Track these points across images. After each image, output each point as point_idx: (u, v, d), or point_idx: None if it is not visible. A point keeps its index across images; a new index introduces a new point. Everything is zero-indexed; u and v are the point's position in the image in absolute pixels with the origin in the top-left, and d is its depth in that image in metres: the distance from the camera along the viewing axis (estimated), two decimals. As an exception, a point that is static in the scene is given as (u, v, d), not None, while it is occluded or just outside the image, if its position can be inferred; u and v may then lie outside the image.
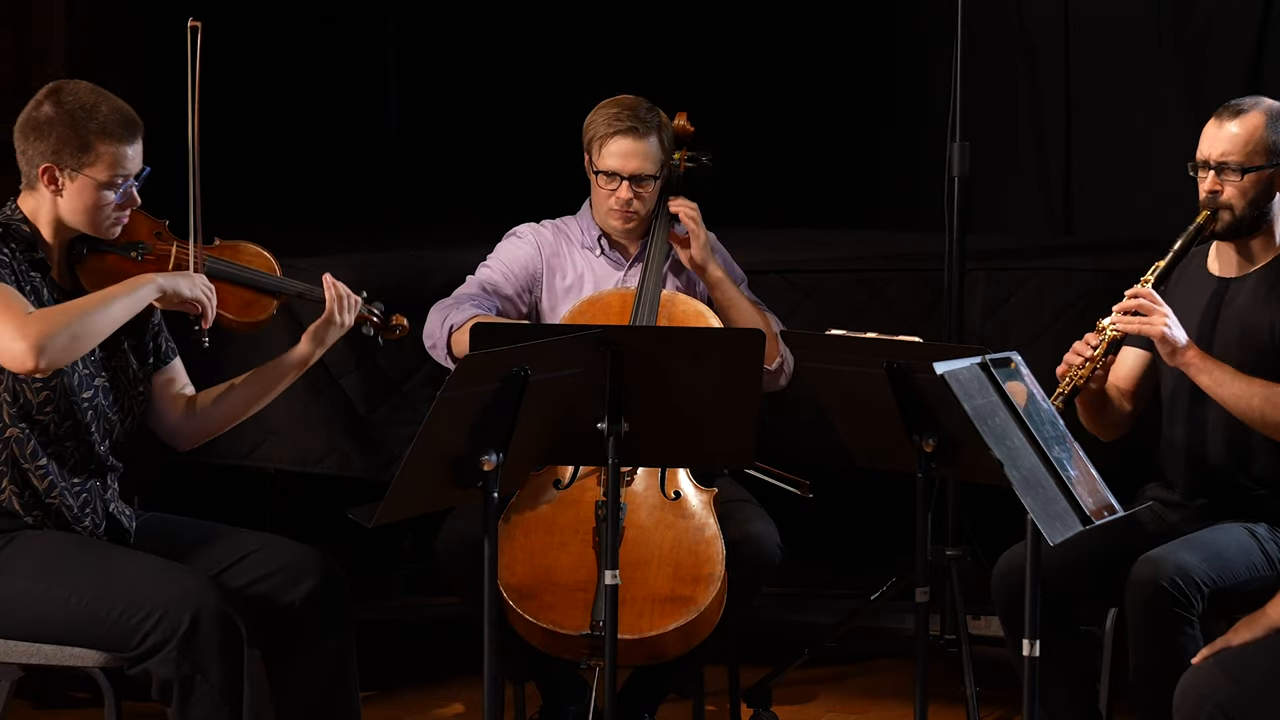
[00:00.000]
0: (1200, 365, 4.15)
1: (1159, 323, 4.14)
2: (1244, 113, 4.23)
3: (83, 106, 3.84)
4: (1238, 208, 4.23)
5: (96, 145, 3.83)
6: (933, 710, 4.02)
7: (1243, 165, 4.21)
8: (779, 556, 4.47)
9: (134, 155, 3.88)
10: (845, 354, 3.85)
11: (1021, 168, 7.12)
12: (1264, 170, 4.21)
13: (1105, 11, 6.96)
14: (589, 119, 4.70)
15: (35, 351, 3.66)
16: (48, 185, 3.86)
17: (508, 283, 4.70)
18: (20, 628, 3.83)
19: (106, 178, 3.85)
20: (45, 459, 3.88)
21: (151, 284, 3.86)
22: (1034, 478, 3.57)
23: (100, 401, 3.94)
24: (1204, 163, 4.25)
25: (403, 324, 4.26)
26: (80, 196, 3.86)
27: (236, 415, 4.15)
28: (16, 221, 3.89)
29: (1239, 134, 4.21)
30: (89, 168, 3.84)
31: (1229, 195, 4.22)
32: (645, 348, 3.91)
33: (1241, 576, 4.10)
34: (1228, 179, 4.22)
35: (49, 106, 3.85)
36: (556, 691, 4.59)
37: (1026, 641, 3.70)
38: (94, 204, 3.87)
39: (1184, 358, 4.15)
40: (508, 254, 4.75)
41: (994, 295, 5.45)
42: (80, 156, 3.83)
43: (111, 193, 3.87)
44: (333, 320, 4.13)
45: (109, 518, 3.98)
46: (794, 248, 6.04)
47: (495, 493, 3.63)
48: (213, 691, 3.73)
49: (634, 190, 4.65)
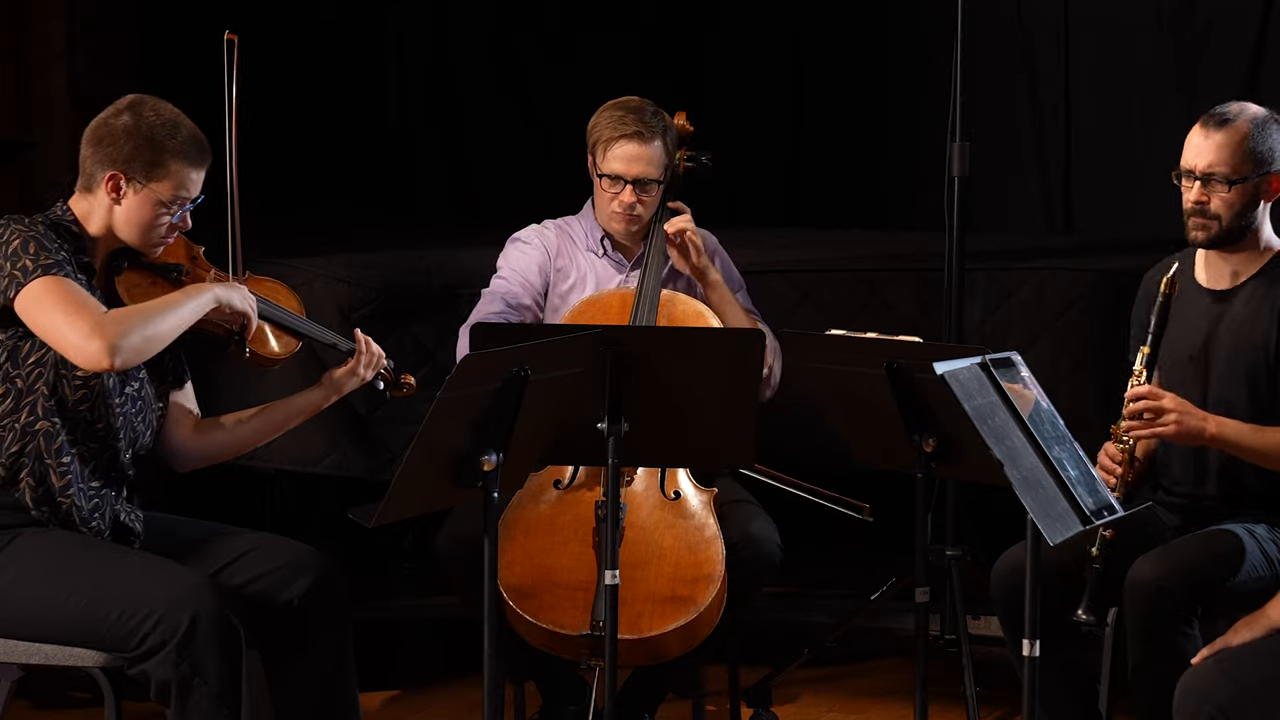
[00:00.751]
0: (1221, 436, 4.13)
1: (1171, 421, 4.11)
2: (1229, 122, 4.18)
3: (165, 123, 3.89)
4: (1225, 219, 4.20)
5: (170, 164, 3.88)
6: (933, 710, 4.02)
7: (1229, 177, 4.16)
8: (779, 556, 4.47)
9: (198, 181, 3.93)
10: (845, 354, 3.85)
11: (1021, 168, 7.12)
12: (1250, 180, 4.18)
13: (1105, 11, 6.96)
14: (593, 121, 4.69)
15: (110, 351, 3.69)
16: (109, 192, 3.88)
17: (526, 292, 4.69)
18: (20, 627, 3.83)
19: (170, 196, 3.89)
20: (70, 456, 3.89)
21: (210, 293, 3.89)
22: (1034, 478, 3.57)
23: (129, 410, 3.96)
24: (1189, 172, 4.21)
25: (410, 383, 4.29)
26: (139, 210, 3.89)
27: (243, 447, 4.19)
28: (67, 222, 3.91)
29: (1225, 144, 4.16)
30: (156, 183, 3.88)
31: (1216, 206, 4.19)
32: (645, 348, 3.91)
33: (1240, 576, 4.09)
34: (1214, 190, 4.18)
35: (129, 116, 3.89)
36: (556, 691, 4.59)
37: (1026, 641, 3.70)
38: (151, 220, 3.91)
39: (1205, 438, 4.13)
40: (519, 262, 4.74)
41: (994, 295, 5.44)
42: (151, 171, 3.87)
43: (169, 214, 3.91)
44: (356, 372, 4.17)
45: (116, 525, 3.98)
46: (794, 248, 6.04)
47: (495, 493, 3.63)
48: (211, 693, 3.72)
49: (638, 194, 4.64)
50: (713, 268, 4.67)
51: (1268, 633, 3.79)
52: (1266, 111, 4.22)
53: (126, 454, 3.98)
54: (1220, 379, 4.23)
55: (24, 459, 3.87)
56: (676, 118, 4.74)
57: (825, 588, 6.12)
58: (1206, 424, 4.12)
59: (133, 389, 3.97)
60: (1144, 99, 6.90)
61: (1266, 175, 4.20)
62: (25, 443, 3.87)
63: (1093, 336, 5.30)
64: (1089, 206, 7.06)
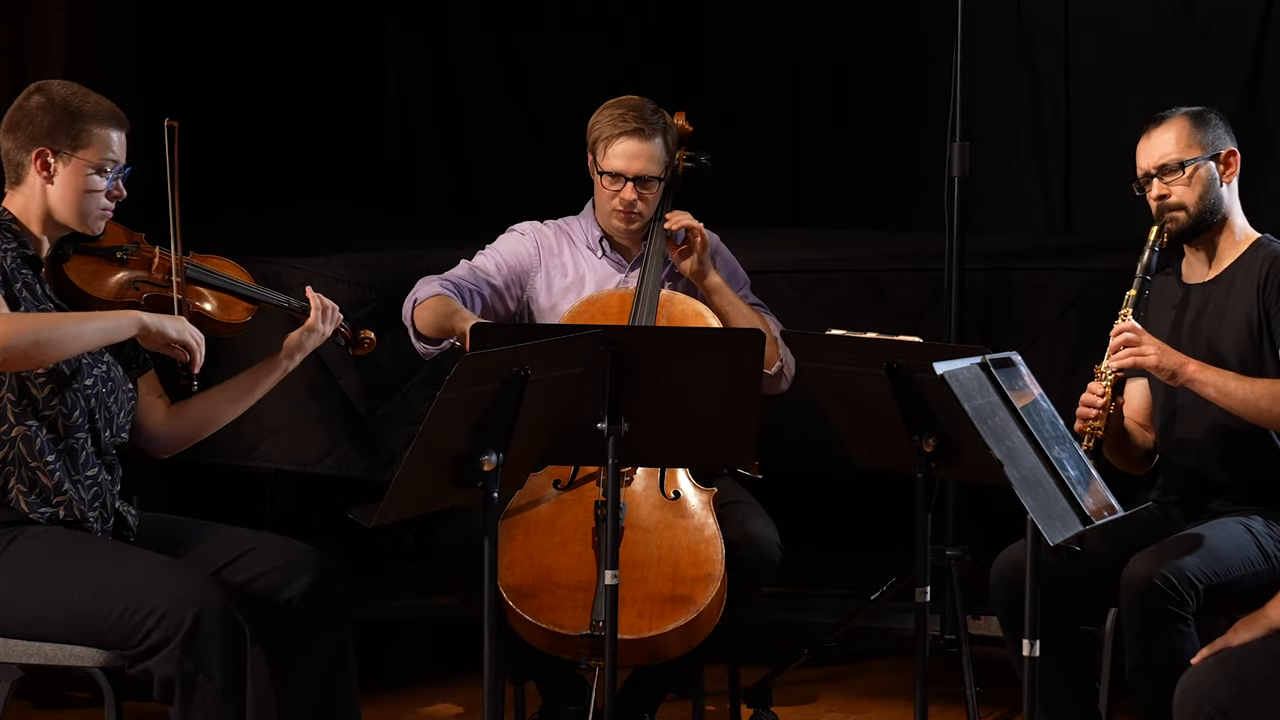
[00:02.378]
0: (1203, 378, 4.18)
1: (1150, 352, 4.19)
2: (1167, 119, 4.37)
3: (73, 94, 3.95)
4: (1190, 204, 4.32)
5: (91, 128, 3.93)
6: (933, 710, 4.02)
7: (1181, 159, 4.31)
8: (779, 556, 4.47)
9: (121, 143, 3.97)
10: (845, 354, 3.85)
11: (1021, 168, 7.12)
12: (1202, 161, 4.31)
13: (1105, 11, 6.96)
14: (594, 119, 4.70)
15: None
16: (40, 171, 3.92)
17: (498, 273, 4.71)
18: (22, 626, 3.83)
19: (98, 160, 3.93)
20: (54, 455, 3.89)
21: (134, 318, 3.90)
22: (1034, 478, 3.57)
23: (101, 390, 3.96)
24: (1145, 175, 4.37)
25: (370, 337, 4.35)
26: (72, 180, 3.93)
27: (218, 421, 4.20)
28: (6, 221, 3.94)
29: (1168, 135, 4.35)
30: (82, 150, 3.92)
31: (1178, 195, 4.33)
32: (645, 347, 3.92)
33: (1237, 572, 4.10)
34: (1171, 180, 4.33)
35: (39, 95, 3.95)
36: (556, 691, 4.59)
37: (1026, 641, 3.70)
38: (84, 189, 3.93)
39: (1185, 375, 4.19)
40: (505, 246, 4.77)
41: (994, 295, 5.44)
42: (76, 139, 3.92)
43: (101, 178, 3.94)
44: (315, 328, 4.21)
45: (116, 514, 3.98)
46: (794, 248, 6.04)
47: (495, 493, 3.64)
48: (215, 690, 3.73)
49: (638, 191, 4.65)
50: (714, 271, 4.66)
51: (1267, 633, 3.79)
52: (1202, 107, 4.40)
53: (106, 433, 3.98)
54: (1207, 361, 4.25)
55: (9, 467, 3.87)
56: (676, 118, 4.75)
57: (825, 588, 6.12)
58: (1188, 363, 4.19)
59: (100, 370, 3.97)
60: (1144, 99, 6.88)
61: (1218, 155, 4.33)
62: (6, 451, 3.87)
63: (1093, 336, 5.29)
64: (1089, 206, 7.05)
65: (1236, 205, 4.37)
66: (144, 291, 4.02)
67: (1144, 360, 4.20)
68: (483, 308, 4.65)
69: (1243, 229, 4.38)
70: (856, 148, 7.36)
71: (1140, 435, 4.44)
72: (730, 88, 7.44)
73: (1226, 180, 4.34)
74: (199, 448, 4.23)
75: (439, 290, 4.59)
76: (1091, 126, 7.01)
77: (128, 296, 4.01)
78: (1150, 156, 4.36)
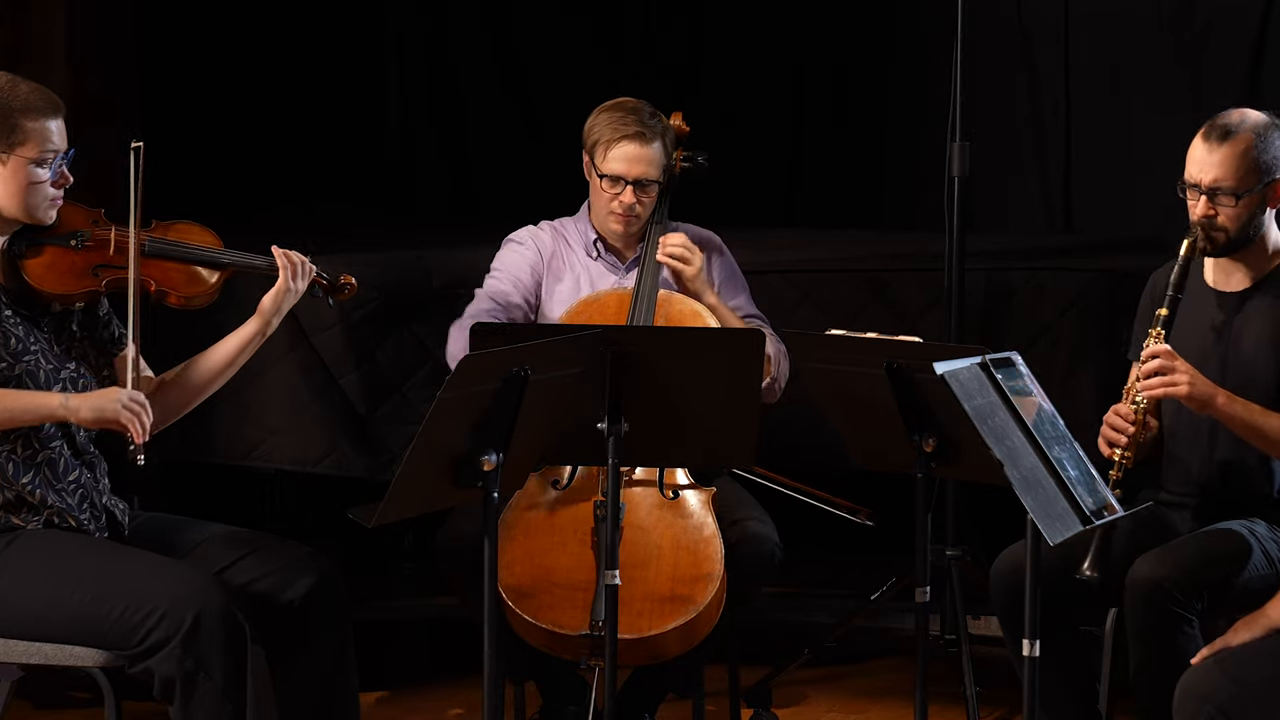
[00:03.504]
0: (1230, 412, 4.12)
1: (1183, 381, 4.09)
2: (1232, 134, 4.15)
3: (2, 88, 3.88)
4: (1233, 230, 4.19)
5: (24, 123, 3.86)
6: (933, 710, 4.02)
7: (1236, 190, 4.15)
8: (778, 556, 4.47)
9: (59, 131, 3.91)
10: (845, 354, 3.85)
11: (1021, 168, 7.11)
12: (1256, 191, 4.16)
13: (1105, 11, 6.96)
14: (591, 122, 4.69)
15: None
16: None
17: (516, 291, 4.70)
18: (22, 626, 3.83)
19: (38, 154, 3.87)
20: (30, 473, 3.87)
21: (48, 408, 3.82)
22: (1034, 478, 3.57)
23: (70, 391, 3.92)
24: (1195, 186, 4.19)
25: (351, 283, 4.24)
26: (14, 178, 3.88)
27: (202, 391, 4.12)
28: None
29: (1230, 158, 4.14)
30: (19, 147, 3.87)
31: (1224, 220, 4.17)
32: (645, 347, 3.92)
33: (1241, 576, 4.09)
34: (1221, 204, 4.16)
35: None
36: (556, 691, 4.59)
37: (1026, 641, 3.70)
38: (27, 182, 3.88)
39: (1214, 407, 4.12)
40: (512, 262, 4.75)
41: (994, 295, 5.44)
42: (9, 137, 3.86)
43: (43, 170, 3.89)
44: (288, 287, 4.11)
45: (106, 510, 3.98)
46: (794, 248, 6.03)
47: (495, 493, 3.63)
48: (215, 689, 3.73)
49: (637, 195, 4.64)
50: (709, 291, 4.64)
51: (1267, 632, 3.79)
52: (1267, 118, 4.20)
53: (81, 434, 3.96)
54: (1236, 382, 4.19)
55: None
56: (673, 118, 4.74)
57: (825, 588, 6.11)
58: (1218, 394, 4.10)
59: (69, 371, 3.94)
60: (1144, 99, 6.89)
61: (1272, 183, 4.18)
62: None
63: (1093, 336, 5.29)
64: (1089, 206, 7.05)
65: (1273, 222, 4.25)
66: (103, 278, 3.97)
67: (1176, 391, 4.09)
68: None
69: (1275, 243, 4.26)
70: (856, 148, 7.36)
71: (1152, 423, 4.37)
72: (730, 88, 7.44)
73: (1273, 205, 4.21)
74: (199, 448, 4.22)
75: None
76: (1091, 126, 7.01)
77: (88, 287, 3.96)
78: (1206, 173, 4.16)
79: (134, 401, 3.84)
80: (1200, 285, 4.34)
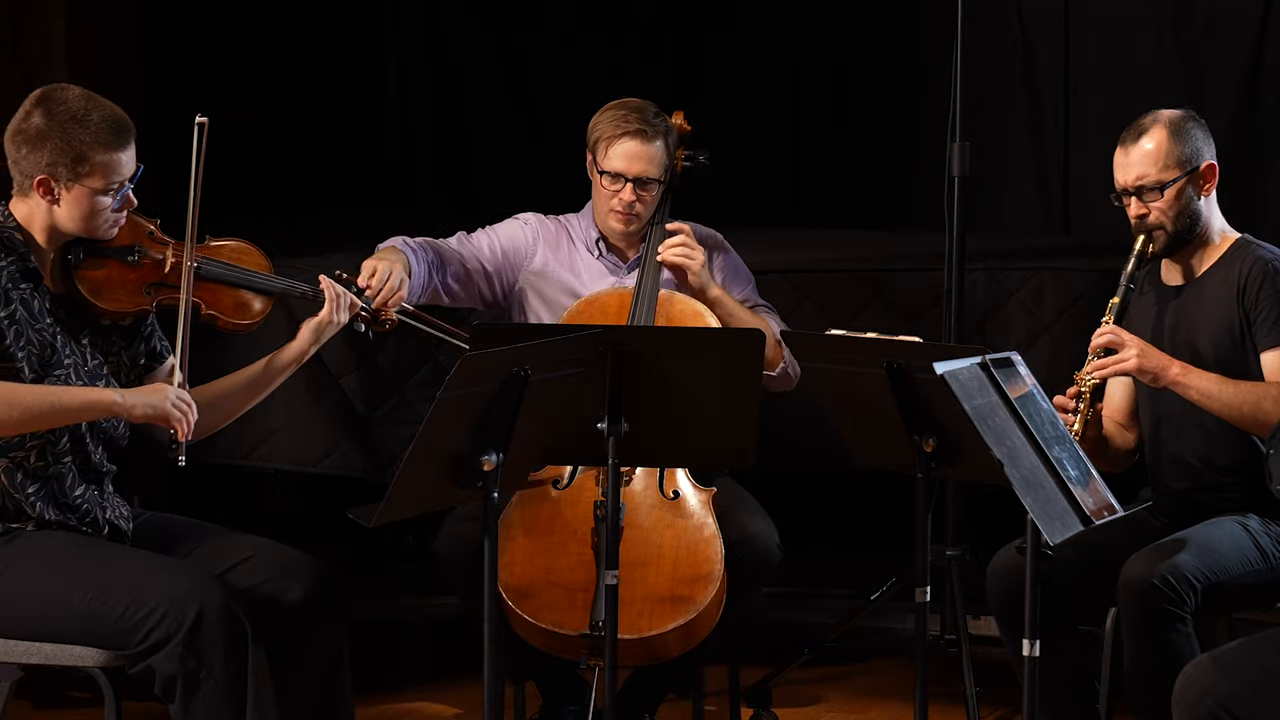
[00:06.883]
0: (1185, 381, 4.19)
1: (1132, 357, 4.18)
2: (1146, 132, 4.29)
3: (74, 116, 3.81)
4: (1169, 224, 4.29)
5: (91, 156, 3.80)
6: (933, 710, 4.02)
7: (1160, 182, 4.27)
8: (778, 556, 4.47)
9: (128, 160, 3.86)
10: (845, 354, 3.85)
11: (1021, 168, 7.11)
12: (1180, 180, 4.26)
13: (1105, 11, 6.96)
14: (594, 120, 4.70)
15: None
16: (43, 196, 3.83)
17: (491, 256, 4.72)
18: (23, 625, 3.83)
19: (103, 185, 3.83)
20: (35, 485, 3.86)
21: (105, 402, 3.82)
22: (1034, 478, 3.57)
23: None
24: (1124, 191, 4.32)
25: (391, 317, 4.29)
26: (78, 205, 3.84)
27: (233, 412, 4.14)
28: (9, 229, 3.86)
29: (1148, 153, 4.27)
30: (85, 178, 3.81)
31: (1156, 215, 4.29)
32: (645, 347, 3.92)
33: (1234, 571, 4.10)
34: (1150, 200, 4.28)
35: (39, 117, 3.81)
36: (556, 691, 4.59)
37: (1026, 641, 3.70)
38: (91, 210, 3.85)
39: (1168, 378, 4.19)
40: (504, 231, 4.79)
41: (994, 295, 5.45)
42: (75, 168, 3.80)
43: (108, 198, 3.85)
44: (331, 319, 4.15)
45: (108, 523, 3.98)
46: (794, 248, 6.03)
47: (495, 493, 3.64)
48: (216, 688, 3.73)
49: (637, 193, 4.65)
50: (713, 284, 4.65)
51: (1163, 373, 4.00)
52: (1182, 112, 4.33)
53: (98, 453, 3.96)
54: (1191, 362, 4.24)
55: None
56: (675, 117, 4.75)
57: (825, 588, 6.11)
58: (1171, 365, 4.19)
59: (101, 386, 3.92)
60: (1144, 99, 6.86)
61: (1195, 171, 4.28)
62: None
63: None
64: (1088, 206, 7.05)
65: (1215, 212, 4.36)
66: (155, 296, 3.97)
67: (1125, 366, 4.19)
68: (443, 279, 4.63)
69: (1221, 231, 4.36)
70: (856, 148, 7.36)
71: (1120, 436, 4.44)
72: (730, 88, 7.44)
73: (1205, 194, 4.31)
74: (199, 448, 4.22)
75: (398, 242, 4.59)
76: (1091, 126, 7.00)
77: (141, 305, 3.95)
78: (1128, 173, 4.31)
79: (181, 400, 3.85)
80: (1156, 284, 4.42)
